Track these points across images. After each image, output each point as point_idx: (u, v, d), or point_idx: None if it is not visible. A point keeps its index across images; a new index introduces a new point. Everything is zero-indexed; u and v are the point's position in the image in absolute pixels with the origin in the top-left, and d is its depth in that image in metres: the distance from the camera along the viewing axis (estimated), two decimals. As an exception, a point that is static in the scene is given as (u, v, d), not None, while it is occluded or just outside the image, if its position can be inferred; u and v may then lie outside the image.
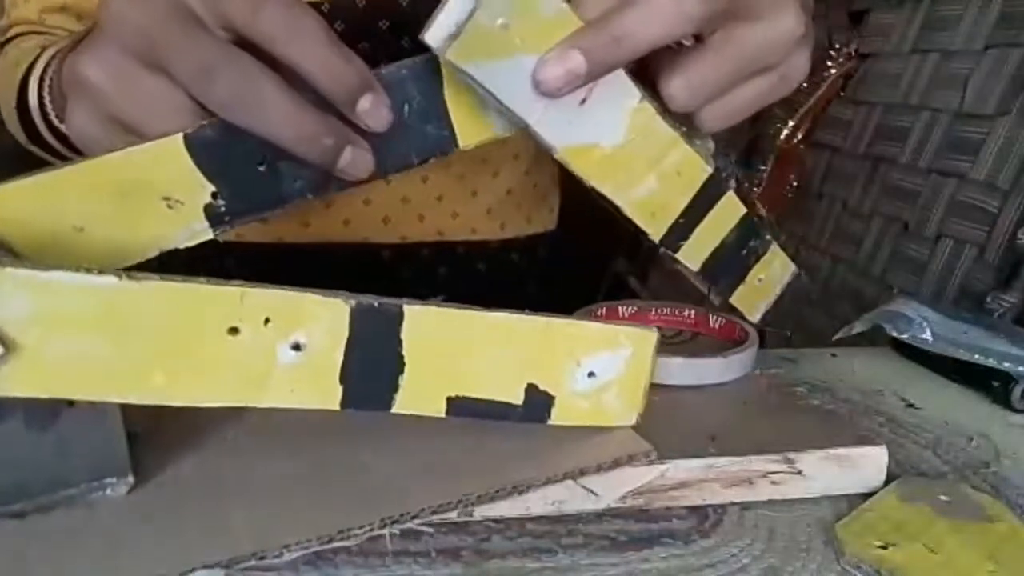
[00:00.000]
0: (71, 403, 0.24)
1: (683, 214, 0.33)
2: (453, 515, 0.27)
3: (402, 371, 0.26)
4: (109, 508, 0.25)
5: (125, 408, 0.26)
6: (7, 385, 0.22)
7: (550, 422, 0.29)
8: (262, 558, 0.23)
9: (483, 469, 0.28)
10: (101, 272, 0.22)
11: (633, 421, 0.31)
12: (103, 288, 0.22)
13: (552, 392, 0.29)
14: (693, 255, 0.34)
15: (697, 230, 0.33)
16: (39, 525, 0.24)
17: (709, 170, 0.32)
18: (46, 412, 0.24)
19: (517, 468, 0.28)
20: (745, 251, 0.36)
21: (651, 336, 0.30)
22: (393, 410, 0.27)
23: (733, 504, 0.31)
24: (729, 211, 0.34)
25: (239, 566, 0.23)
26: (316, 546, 0.24)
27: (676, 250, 0.34)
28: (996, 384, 0.43)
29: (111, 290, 0.22)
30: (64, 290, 0.22)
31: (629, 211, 0.31)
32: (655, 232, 0.33)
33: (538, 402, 0.29)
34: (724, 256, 0.35)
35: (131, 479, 0.26)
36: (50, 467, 0.25)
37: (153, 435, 0.29)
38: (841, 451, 0.32)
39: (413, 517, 0.26)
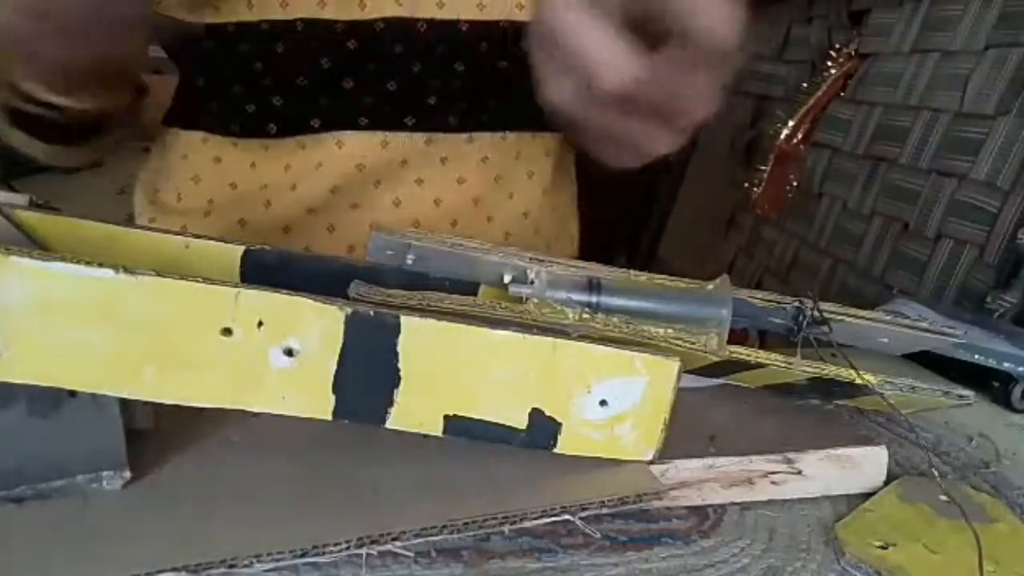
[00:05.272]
0: (72, 393, 0.24)
1: None
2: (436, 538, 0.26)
3: (397, 385, 0.25)
4: (102, 501, 0.25)
5: (134, 405, 0.26)
6: (8, 371, 0.22)
7: (556, 450, 0.28)
8: (232, 566, 0.23)
9: (479, 493, 0.27)
10: (101, 265, 0.22)
11: (649, 457, 0.29)
12: (101, 280, 0.22)
13: (559, 418, 0.27)
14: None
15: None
16: (35, 511, 0.24)
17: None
18: (48, 400, 0.24)
19: (514, 495, 0.27)
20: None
21: (671, 365, 0.28)
22: (388, 425, 0.26)
23: (733, 504, 0.31)
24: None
25: (208, 571, 0.23)
26: (289, 559, 0.24)
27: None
28: (996, 384, 0.43)
29: (108, 283, 0.22)
30: (64, 280, 0.22)
31: None
32: None
33: (543, 428, 0.27)
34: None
35: (127, 474, 0.26)
36: (50, 455, 0.25)
37: (158, 432, 0.28)
38: (841, 451, 0.32)
39: (393, 539, 0.25)
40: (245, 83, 0.48)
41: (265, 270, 0.34)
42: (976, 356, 0.43)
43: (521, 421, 0.27)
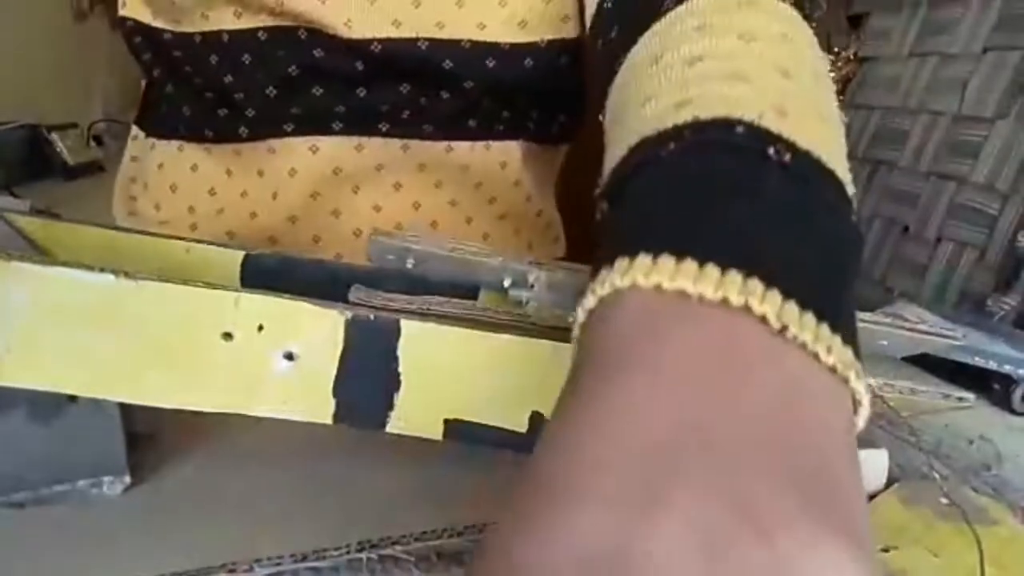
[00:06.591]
0: (73, 399, 0.24)
1: None
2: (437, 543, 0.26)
3: (397, 389, 0.25)
4: (103, 506, 0.25)
5: (135, 410, 0.26)
6: (8, 375, 0.22)
7: None
8: (232, 571, 0.23)
9: (478, 498, 0.27)
10: (102, 270, 0.22)
11: None
12: (101, 285, 0.22)
13: None
14: None
15: None
16: (36, 517, 0.24)
17: None
18: (49, 406, 0.24)
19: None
20: None
21: None
22: (388, 429, 0.26)
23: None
24: None
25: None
26: (289, 564, 0.24)
27: None
28: (996, 387, 0.43)
29: (109, 287, 0.22)
30: (65, 285, 0.22)
31: None
32: None
33: None
34: None
35: (128, 479, 0.26)
36: (50, 461, 0.25)
37: (159, 437, 0.28)
38: (842, 453, 0.32)
39: (394, 543, 0.25)
40: (216, 91, 0.48)
41: (265, 274, 0.34)
42: (976, 358, 0.43)
43: (521, 425, 0.27)
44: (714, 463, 0.13)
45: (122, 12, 0.49)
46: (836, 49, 1.19)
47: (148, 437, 0.28)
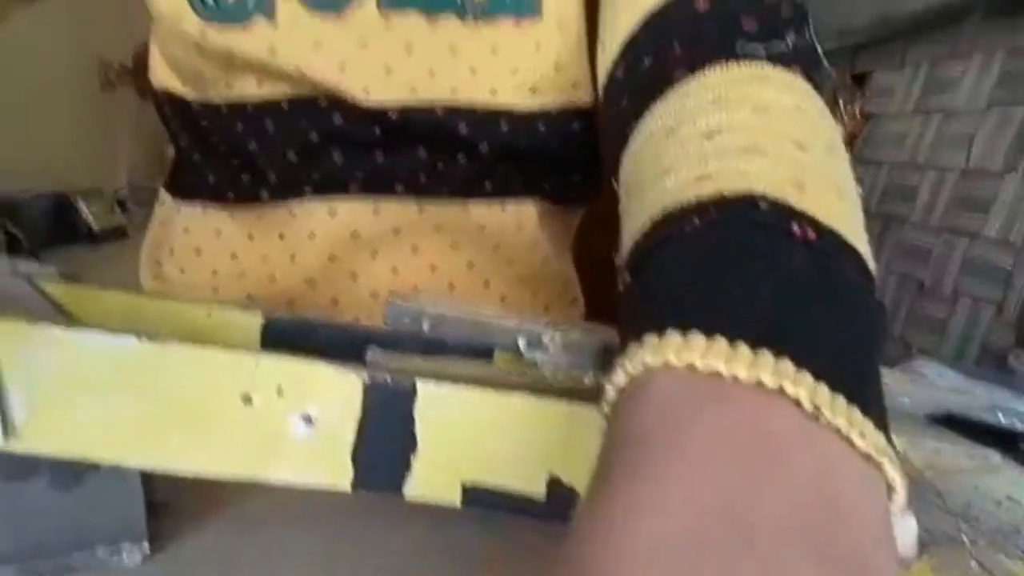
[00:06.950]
0: (95, 465, 0.24)
1: None
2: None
3: (414, 451, 0.25)
4: (121, 574, 0.25)
5: (153, 477, 0.26)
6: (32, 441, 0.22)
7: None
8: None
9: (495, 563, 0.27)
10: (123, 332, 0.23)
11: None
12: (123, 349, 0.23)
13: (577, 487, 0.26)
14: None
15: None
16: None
17: None
18: (70, 473, 0.24)
19: (535, 564, 0.26)
20: None
21: None
22: (406, 493, 0.26)
23: None
24: None
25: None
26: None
27: None
28: (1023, 446, 0.42)
29: (131, 351, 0.23)
30: (87, 348, 0.22)
31: None
32: None
33: (562, 497, 0.26)
34: None
35: (147, 547, 0.26)
36: (70, 528, 0.25)
37: (176, 505, 0.28)
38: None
39: None
40: (240, 157, 0.49)
41: (285, 337, 0.34)
42: (1000, 416, 0.43)
43: (539, 488, 0.27)
44: (747, 544, 0.13)
45: (153, 81, 0.51)
46: (841, 102, 1.21)
47: (165, 505, 0.27)
